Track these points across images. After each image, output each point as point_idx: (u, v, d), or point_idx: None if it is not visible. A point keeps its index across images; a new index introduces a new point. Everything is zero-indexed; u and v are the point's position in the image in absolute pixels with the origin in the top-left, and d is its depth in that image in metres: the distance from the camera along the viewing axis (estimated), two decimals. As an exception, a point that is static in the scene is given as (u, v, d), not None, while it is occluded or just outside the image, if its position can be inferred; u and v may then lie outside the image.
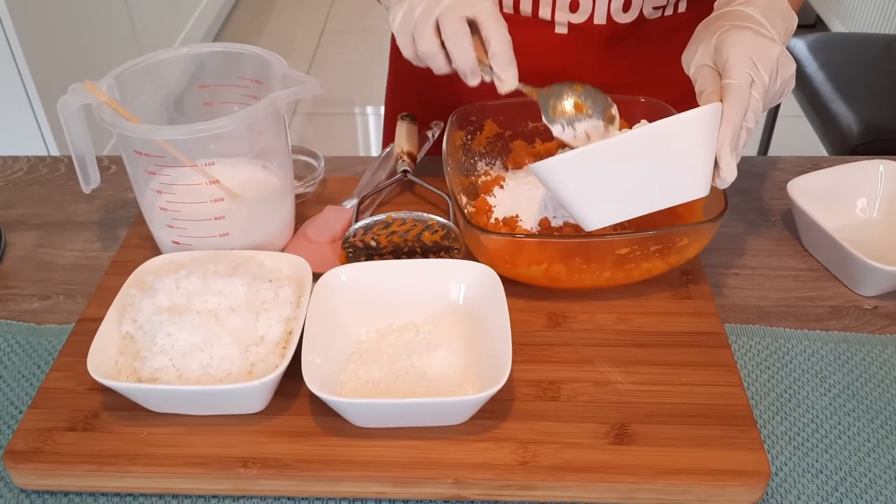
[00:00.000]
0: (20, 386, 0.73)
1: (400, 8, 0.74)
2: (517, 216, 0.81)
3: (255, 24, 3.48)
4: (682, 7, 0.95)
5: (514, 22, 0.96)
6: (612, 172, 0.66)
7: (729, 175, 0.68)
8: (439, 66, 0.73)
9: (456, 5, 0.71)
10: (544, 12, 0.94)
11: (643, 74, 0.95)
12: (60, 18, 2.08)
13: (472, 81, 0.73)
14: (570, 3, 0.92)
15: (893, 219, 0.86)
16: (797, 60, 1.90)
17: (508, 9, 0.96)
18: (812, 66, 1.96)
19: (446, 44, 0.71)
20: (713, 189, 0.77)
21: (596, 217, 0.69)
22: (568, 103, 0.74)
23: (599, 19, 0.93)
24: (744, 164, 0.99)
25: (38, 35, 1.95)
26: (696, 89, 0.70)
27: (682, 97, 0.93)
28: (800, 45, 2.03)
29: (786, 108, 2.09)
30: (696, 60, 0.71)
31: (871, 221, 0.87)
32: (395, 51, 1.08)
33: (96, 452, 0.64)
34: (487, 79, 0.73)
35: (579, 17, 0.93)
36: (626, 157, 0.66)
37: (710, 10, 0.99)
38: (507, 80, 0.72)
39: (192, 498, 0.65)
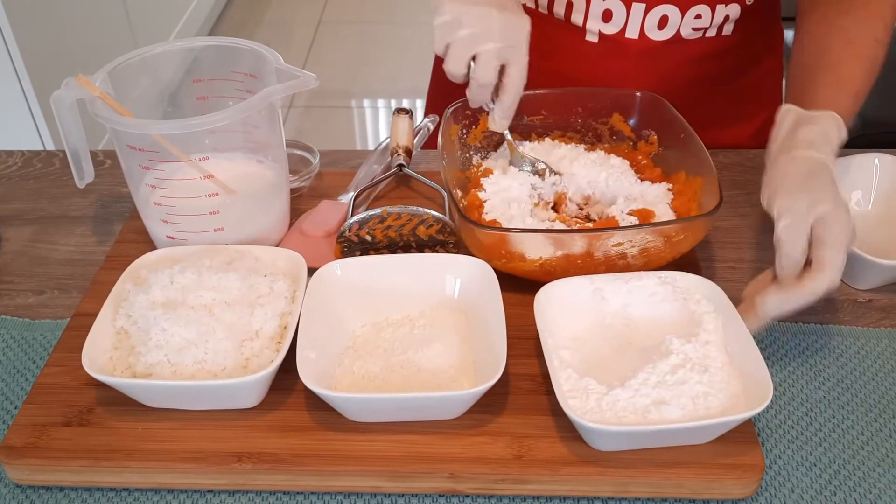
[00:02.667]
0: (15, 381, 0.73)
1: (449, 10, 0.75)
2: (496, 220, 0.80)
3: (251, 17, 3.47)
4: (727, 30, 0.92)
5: (547, 22, 0.95)
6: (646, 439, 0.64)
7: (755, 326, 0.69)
8: (456, 80, 0.78)
9: (497, 51, 0.75)
10: (576, 18, 0.92)
11: (673, 93, 0.89)
12: (55, 12, 2.07)
13: (472, 105, 0.81)
14: (603, 12, 0.90)
15: (888, 212, 0.86)
16: (793, 53, 1.89)
17: (543, 8, 0.94)
18: (808, 59, 1.94)
19: (472, 78, 0.77)
20: (709, 182, 0.78)
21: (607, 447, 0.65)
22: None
23: (632, 34, 0.91)
24: (739, 158, 0.99)
25: (33, 28, 1.95)
26: (780, 262, 0.69)
27: (711, 121, 0.91)
28: (796, 38, 2.02)
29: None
30: (794, 233, 0.68)
31: (867, 215, 0.87)
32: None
33: (92, 447, 0.64)
34: (486, 108, 0.81)
35: (611, 28, 0.91)
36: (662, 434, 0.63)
37: (757, 33, 0.95)
38: (499, 125, 0.81)
39: (187, 493, 0.65)
